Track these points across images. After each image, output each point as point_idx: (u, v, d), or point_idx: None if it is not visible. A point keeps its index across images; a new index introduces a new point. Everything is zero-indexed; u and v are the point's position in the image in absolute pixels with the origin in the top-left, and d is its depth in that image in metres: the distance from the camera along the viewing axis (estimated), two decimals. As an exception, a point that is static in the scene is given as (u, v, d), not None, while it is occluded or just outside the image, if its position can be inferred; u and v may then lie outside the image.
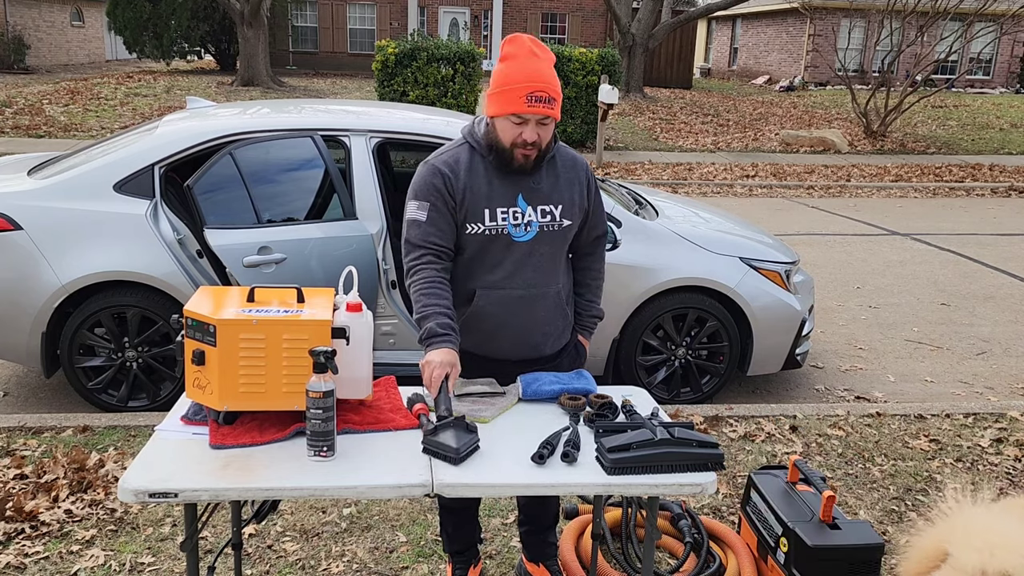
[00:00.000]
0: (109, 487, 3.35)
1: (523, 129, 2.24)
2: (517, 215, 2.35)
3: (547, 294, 2.43)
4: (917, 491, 3.61)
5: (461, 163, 2.35)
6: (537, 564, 2.83)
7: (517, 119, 2.23)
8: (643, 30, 19.82)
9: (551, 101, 2.23)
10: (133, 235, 3.99)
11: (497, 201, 2.33)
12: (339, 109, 4.52)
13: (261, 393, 2.02)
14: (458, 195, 2.32)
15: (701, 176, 12.64)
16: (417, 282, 2.29)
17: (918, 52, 17.15)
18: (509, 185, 2.35)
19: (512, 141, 2.26)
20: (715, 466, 2.02)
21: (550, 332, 2.49)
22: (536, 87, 2.20)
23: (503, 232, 2.34)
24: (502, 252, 2.36)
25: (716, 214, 5.21)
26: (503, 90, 2.23)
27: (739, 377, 5.07)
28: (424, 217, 2.31)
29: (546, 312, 2.45)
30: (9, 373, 4.81)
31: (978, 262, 8.07)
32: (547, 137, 2.29)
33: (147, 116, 15.09)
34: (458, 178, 2.32)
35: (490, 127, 2.32)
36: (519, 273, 2.38)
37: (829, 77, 26.89)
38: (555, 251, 2.42)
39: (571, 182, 2.43)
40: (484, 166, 2.34)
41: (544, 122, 2.25)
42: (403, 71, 12.41)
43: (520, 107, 2.20)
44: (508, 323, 2.41)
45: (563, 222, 2.40)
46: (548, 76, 2.22)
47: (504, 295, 2.38)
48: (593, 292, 2.63)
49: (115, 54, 33.26)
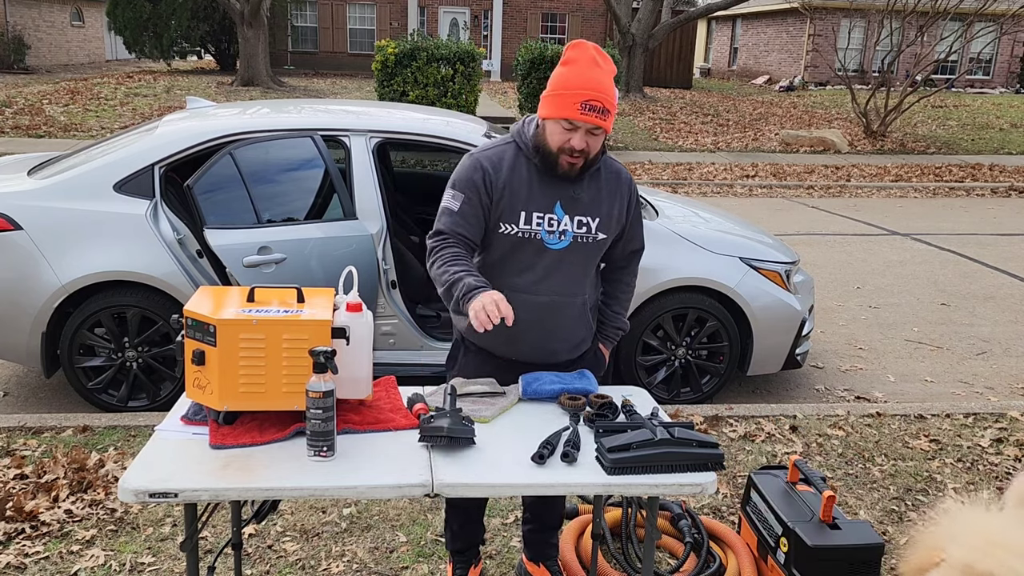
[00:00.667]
0: (109, 487, 3.35)
1: (572, 136, 2.21)
2: (552, 222, 2.33)
3: (572, 303, 2.43)
4: (917, 491, 3.61)
5: (505, 161, 2.33)
6: (538, 564, 2.83)
7: (568, 124, 2.20)
8: (643, 30, 19.82)
9: (604, 112, 2.19)
10: (133, 235, 3.99)
11: (534, 205, 2.31)
12: (339, 109, 4.52)
13: (261, 393, 2.02)
14: (495, 193, 2.31)
15: (701, 176, 12.64)
16: (441, 256, 2.27)
17: (918, 52, 17.15)
18: (549, 191, 2.32)
19: (559, 146, 2.23)
20: (715, 466, 2.02)
21: (570, 340, 2.49)
22: (592, 96, 2.16)
23: (536, 236, 2.32)
24: (533, 257, 2.35)
25: (716, 214, 5.21)
26: (558, 94, 2.20)
27: (739, 377, 5.07)
28: (456, 207, 2.30)
29: (570, 320, 2.45)
30: (9, 373, 4.81)
31: (978, 262, 8.07)
32: (595, 147, 2.26)
33: (147, 116, 15.10)
34: (499, 175, 2.31)
35: (540, 128, 2.29)
36: (547, 279, 2.37)
37: (829, 77, 26.89)
38: (586, 262, 2.42)
39: (613, 195, 2.41)
40: (527, 168, 2.32)
41: (594, 132, 2.21)
42: (403, 71, 12.41)
43: (573, 113, 2.17)
44: (531, 328, 2.41)
45: (598, 235, 2.38)
46: (606, 86, 2.19)
47: (530, 300, 2.38)
48: (621, 304, 2.62)
49: (115, 54, 33.27)
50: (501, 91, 22.48)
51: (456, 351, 2.59)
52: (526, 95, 13.80)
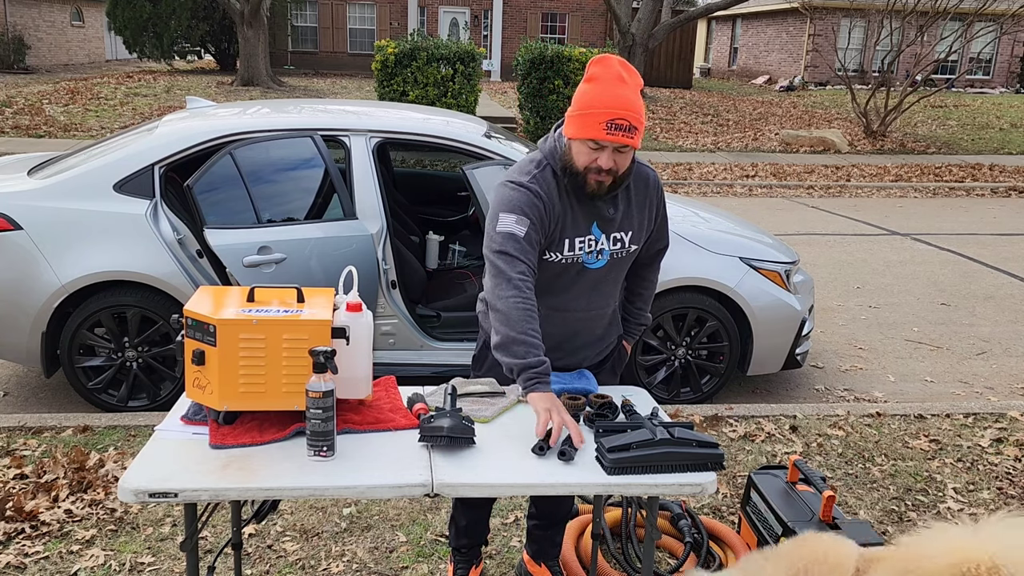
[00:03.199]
0: (109, 487, 3.35)
1: (599, 156, 2.15)
2: (591, 243, 2.31)
3: (605, 313, 2.46)
4: (917, 491, 3.61)
5: (552, 190, 2.26)
6: (539, 563, 2.83)
7: (594, 144, 2.13)
8: (643, 30, 19.82)
9: (632, 130, 2.11)
10: (133, 235, 3.99)
11: (576, 231, 2.29)
12: (339, 109, 4.52)
13: (261, 393, 2.02)
14: (550, 224, 2.25)
15: (701, 176, 12.64)
16: (517, 298, 2.15)
17: (918, 52, 17.15)
18: (586, 213, 2.30)
19: (586, 165, 2.18)
20: (715, 466, 2.02)
21: (602, 345, 2.53)
22: (618, 114, 2.09)
23: (578, 261, 2.32)
24: (574, 278, 2.35)
25: (716, 214, 5.21)
26: (583, 113, 2.13)
27: (739, 377, 5.07)
28: (523, 234, 2.18)
29: (602, 329, 2.49)
30: (9, 373, 4.81)
31: (978, 262, 8.07)
32: (624, 165, 2.20)
33: (147, 116, 15.09)
34: (553, 206, 2.25)
35: (567, 148, 2.23)
36: (584, 296, 2.38)
37: (829, 77, 26.89)
38: (620, 274, 2.44)
39: (642, 205, 2.39)
40: (563, 192, 2.27)
41: (622, 150, 2.16)
42: (403, 71, 12.41)
43: (599, 134, 2.10)
44: (565, 340, 2.43)
45: (631, 247, 2.38)
46: (632, 103, 2.11)
47: (568, 316, 2.40)
48: (644, 300, 2.63)
49: (115, 54, 33.28)
50: (501, 91, 22.48)
51: (484, 353, 2.55)
52: (526, 95, 13.80)
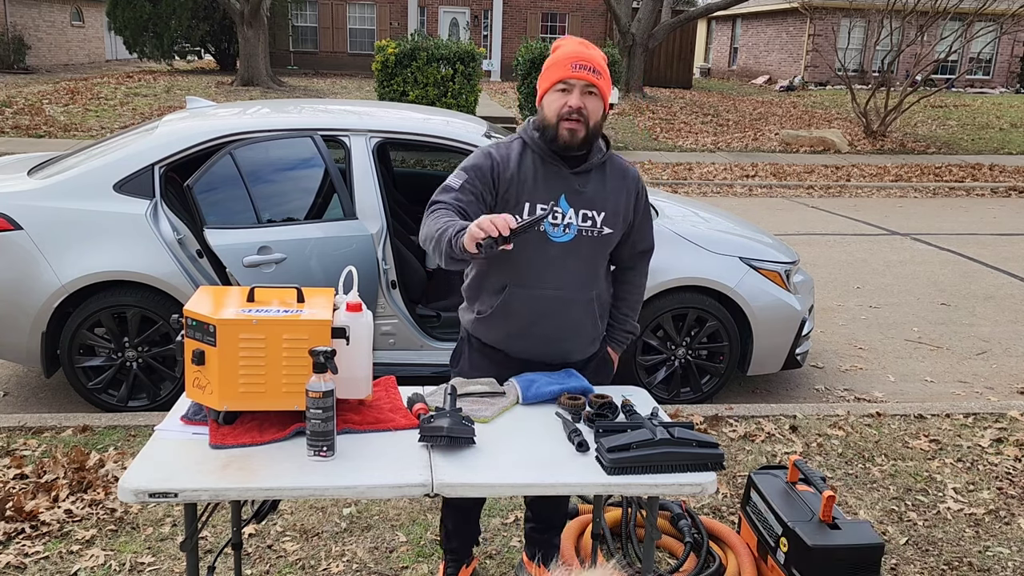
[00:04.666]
0: (109, 487, 3.35)
1: (568, 98, 2.25)
2: (557, 214, 2.33)
3: (580, 299, 2.41)
4: (917, 491, 3.61)
5: (512, 154, 2.36)
6: (538, 564, 2.83)
7: (563, 86, 2.26)
8: (643, 30, 19.82)
9: (596, 72, 2.25)
10: (133, 235, 3.99)
11: (539, 196, 2.32)
12: (339, 109, 4.52)
13: (261, 393, 2.02)
14: (502, 184, 2.32)
15: (701, 176, 12.64)
16: (432, 217, 2.21)
17: (918, 52, 17.15)
18: (554, 183, 2.33)
19: (558, 112, 2.26)
20: (715, 466, 2.02)
21: (581, 339, 2.47)
22: (580, 59, 2.25)
23: (539, 228, 2.32)
24: (537, 250, 2.33)
25: (716, 214, 5.21)
26: (549, 66, 2.30)
27: (739, 377, 5.07)
28: (458, 184, 2.30)
29: (578, 317, 2.43)
30: (9, 373, 4.81)
31: (978, 262, 8.07)
32: (595, 112, 2.28)
33: (147, 116, 15.09)
34: (507, 167, 2.33)
35: (540, 111, 2.34)
36: (551, 273, 2.35)
37: (829, 77, 26.89)
38: (593, 258, 2.40)
39: (619, 191, 2.41)
40: (533, 161, 2.34)
41: (590, 90, 2.26)
42: (403, 71, 12.41)
43: (565, 72, 2.24)
44: (538, 323, 2.39)
45: (604, 229, 2.37)
46: (593, 56, 2.27)
47: (535, 294, 2.36)
48: (630, 306, 2.60)
49: (115, 54, 33.27)
50: (501, 91, 22.48)
51: (461, 348, 2.57)
52: (526, 95, 13.80)
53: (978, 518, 3.41)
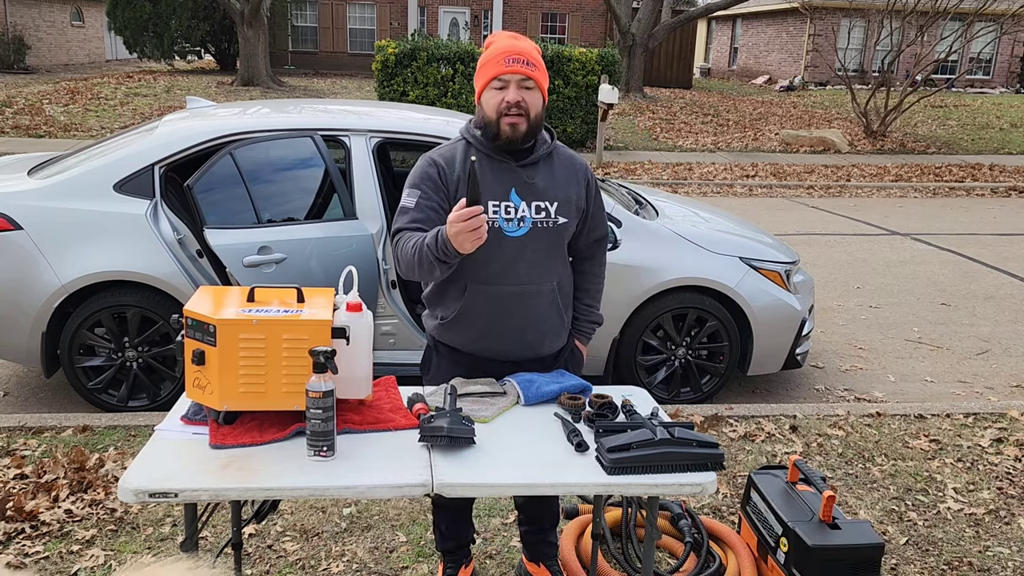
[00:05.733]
0: (109, 487, 3.35)
1: (505, 94, 2.25)
2: (509, 209, 2.32)
3: (542, 291, 2.40)
4: (917, 491, 3.61)
5: (456, 156, 2.36)
6: (537, 564, 2.83)
7: (499, 83, 2.26)
8: (643, 30, 19.82)
9: (530, 64, 2.25)
10: (133, 235, 3.99)
11: (489, 194, 2.31)
12: (339, 109, 4.52)
13: (261, 393, 2.02)
14: (451, 186, 2.33)
15: (701, 176, 12.64)
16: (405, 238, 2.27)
17: (918, 52, 17.15)
18: (503, 178, 2.33)
19: (497, 109, 2.26)
20: (715, 466, 2.02)
21: (547, 331, 2.45)
22: (512, 53, 2.25)
23: (494, 226, 2.30)
24: (494, 247, 2.31)
25: (716, 214, 5.21)
26: (483, 64, 2.31)
27: (739, 377, 5.07)
28: (413, 203, 2.32)
29: (542, 310, 2.41)
30: (9, 373, 4.81)
31: (978, 262, 8.07)
32: (534, 105, 2.28)
33: (147, 116, 15.09)
34: (452, 170, 2.34)
35: (479, 109, 2.34)
36: (511, 269, 2.34)
37: (829, 77, 26.89)
38: (550, 248, 2.39)
39: (569, 180, 2.41)
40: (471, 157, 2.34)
41: (526, 84, 2.25)
42: (403, 71, 12.41)
43: (499, 68, 2.24)
44: (502, 321, 2.38)
45: (558, 219, 2.37)
46: (525, 48, 2.27)
47: (496, 291, 2.35)
48: (592, 296, 2.59)
49: (115, 54, 33.26)
50: (501, 91, 22.43)
51: (429, 356, 2.56)
52: (526, 95, 13.79)
53: (978, 518, 3.41)
